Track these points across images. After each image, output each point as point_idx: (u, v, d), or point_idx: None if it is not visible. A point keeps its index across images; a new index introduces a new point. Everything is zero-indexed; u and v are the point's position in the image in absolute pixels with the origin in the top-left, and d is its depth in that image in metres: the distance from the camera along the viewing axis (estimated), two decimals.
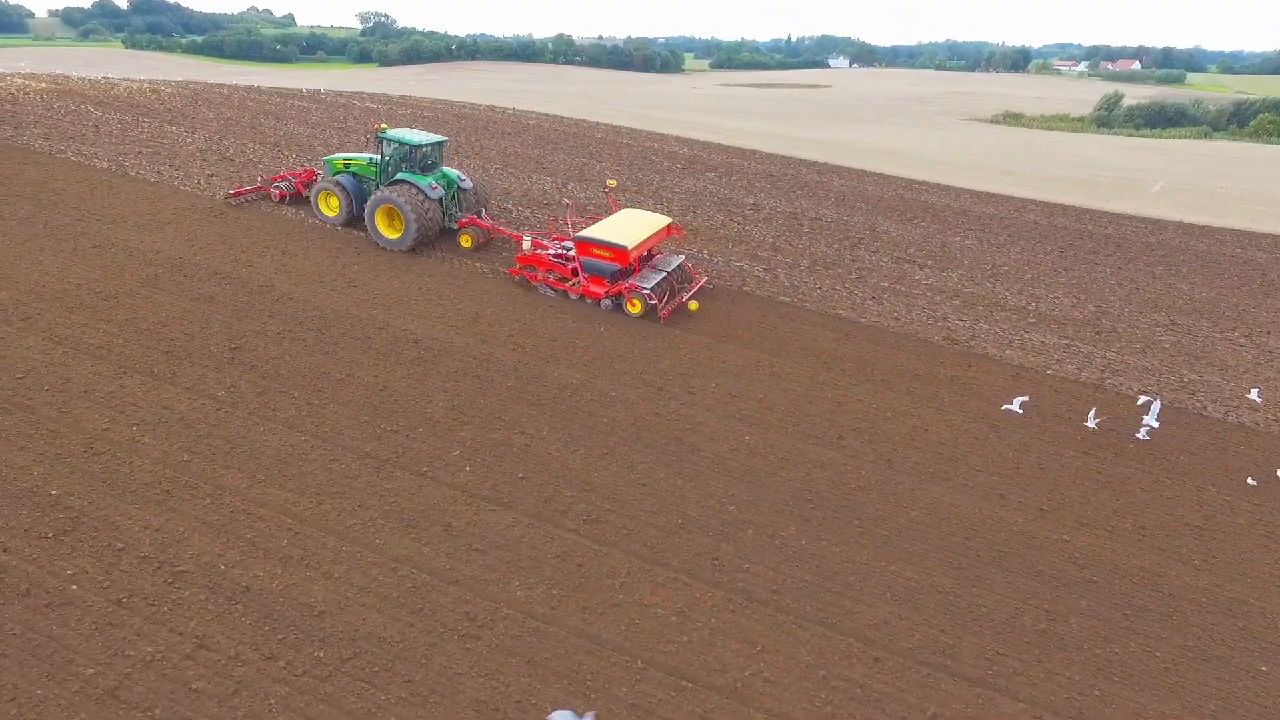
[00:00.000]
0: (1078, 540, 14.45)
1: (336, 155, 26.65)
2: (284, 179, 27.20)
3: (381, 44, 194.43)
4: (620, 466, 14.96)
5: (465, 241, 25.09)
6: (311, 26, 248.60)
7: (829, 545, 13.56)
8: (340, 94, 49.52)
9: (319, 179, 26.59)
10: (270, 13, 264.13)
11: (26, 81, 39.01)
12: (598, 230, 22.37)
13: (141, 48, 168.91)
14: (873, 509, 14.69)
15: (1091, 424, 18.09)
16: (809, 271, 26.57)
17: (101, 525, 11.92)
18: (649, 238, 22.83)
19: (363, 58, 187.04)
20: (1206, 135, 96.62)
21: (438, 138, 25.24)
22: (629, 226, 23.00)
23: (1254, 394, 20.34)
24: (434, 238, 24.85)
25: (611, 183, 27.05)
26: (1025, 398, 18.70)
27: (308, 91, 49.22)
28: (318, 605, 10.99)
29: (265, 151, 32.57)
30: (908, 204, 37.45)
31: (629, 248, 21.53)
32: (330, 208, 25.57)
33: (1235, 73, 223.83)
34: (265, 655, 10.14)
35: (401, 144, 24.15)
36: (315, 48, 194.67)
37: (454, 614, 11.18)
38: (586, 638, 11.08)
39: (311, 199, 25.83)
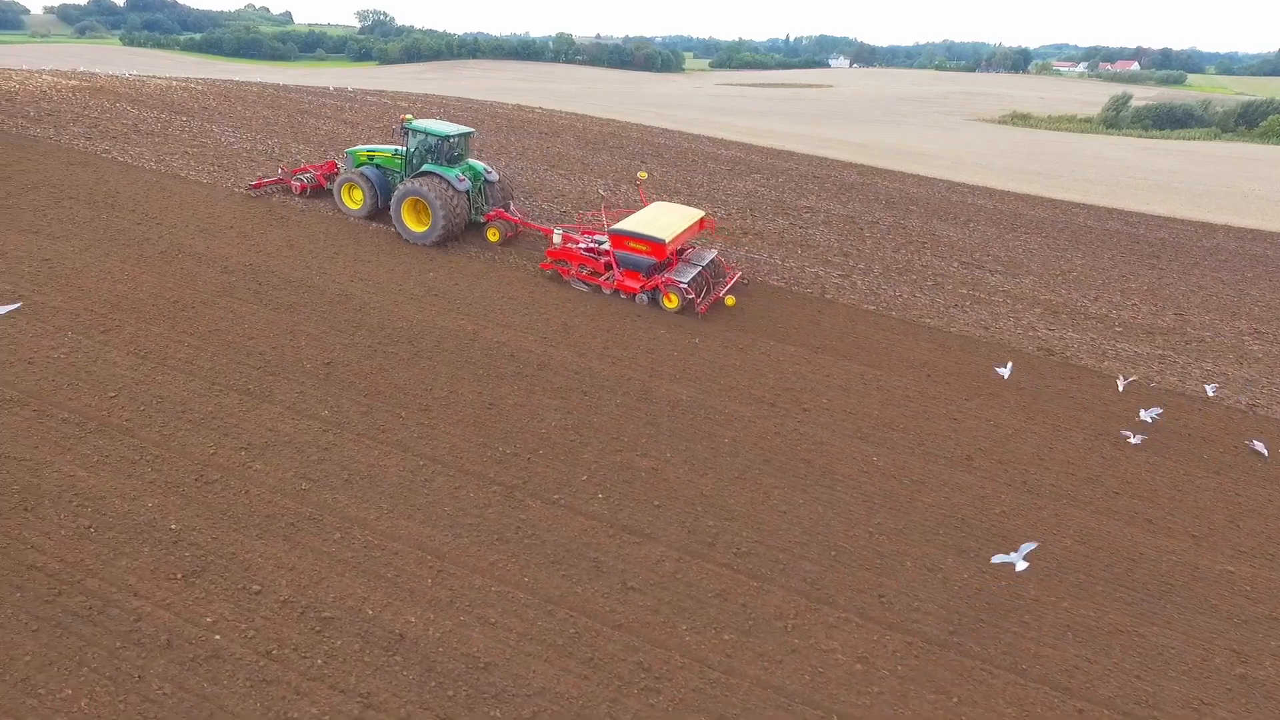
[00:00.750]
0: (1242, 571, 13.63)
1: (359, 147, 25.67)
2: (306, 171, 26.29)
3: (381, 42, 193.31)
4: (755, 492, 14.05)
5: (492, 235, 24.16)
6: (309, 24, 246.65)
7: (992, 579, 12.70)
8: (369, 92, 48.36)
9: (342, 171, 25.65)
10: (267, 10, 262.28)
11: (55, 79, 37.73)
12: (633, 223, 21.48)
13: (140, 45, 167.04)
14: (1023, 537, 13.80)
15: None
16: (884, 278, 25.72)
17: (231, 564, 10.92)
18: (684, 231, 22.01)
19: (362, 56, 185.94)
20: (1216, 136, 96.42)
21: (465, 129, 24.23)
22: (664, 219, 22.12)
23: None
24: (460, 232, 23.90)
25: (642, 175, 26.23)
26: (1158, 410, 18.09)
27: (335, 90, 48.04)
28: (481, 656, 10.03)
29: (310, 151, 31.43)
30: (956, 207, 36.71)
31: (666, 241, 20.70)
32: (353, 200, 24.67)
33: (1233, 74, 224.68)
34: (439, 716, 9.17)
35: (429, 135, 23.14)
36: (314, 45, 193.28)
37: (626, 664, 10.24)
38: (772, 689, 10.17)
39: (334, 191, 24.92)
